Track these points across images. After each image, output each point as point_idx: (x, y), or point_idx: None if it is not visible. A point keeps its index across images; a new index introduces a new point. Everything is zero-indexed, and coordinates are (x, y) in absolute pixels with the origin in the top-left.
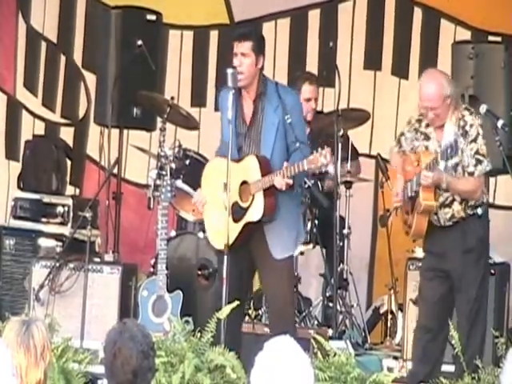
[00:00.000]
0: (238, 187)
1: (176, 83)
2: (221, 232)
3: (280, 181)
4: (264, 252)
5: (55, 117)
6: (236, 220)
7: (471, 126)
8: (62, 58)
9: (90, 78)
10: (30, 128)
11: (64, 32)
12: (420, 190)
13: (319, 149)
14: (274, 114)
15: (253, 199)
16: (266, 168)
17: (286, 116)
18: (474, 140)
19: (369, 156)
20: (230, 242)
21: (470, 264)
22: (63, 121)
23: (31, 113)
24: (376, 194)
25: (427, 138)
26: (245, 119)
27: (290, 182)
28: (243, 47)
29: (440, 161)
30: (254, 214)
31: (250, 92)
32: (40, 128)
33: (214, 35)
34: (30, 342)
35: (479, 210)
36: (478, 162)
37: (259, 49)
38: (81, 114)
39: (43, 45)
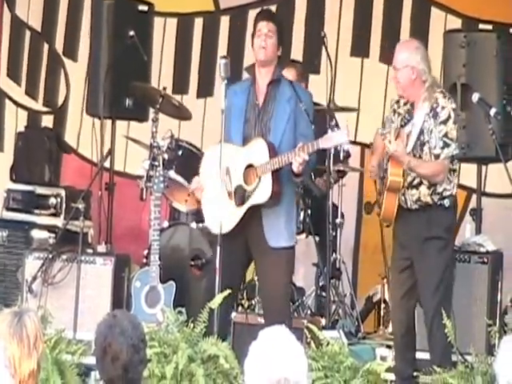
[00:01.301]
0: (242, 171)
1: (157, 70)
2: (222, 217)
3: (298, 158)
4: (260, 239)
5: (38, 105)
6: (239, 204)
7: (442, 108)
8: (45, 47)
9: (71, 65)
10: (13, 117)
11: (48, 20)
12: (389, 166)
13: (335, 128)
14: (286, 103)
15: (259, 181)
16: (273, 152)
17: (300, 104)
18: (444, 122)
19: (354, 143)
20: (231, 228)
21: (432, 252)
22: (45, 109)
23: (14, 102)
24: (361, 182)
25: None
26: (257, 105)
27: (307, 157)
28: (269, 26)
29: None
30: (261, 195)
31: (265, 76)
32: (23, 117)
33: (198, 22)
34: (23, 332)
35: (446, 202)
36: (446, 144)
37: (281, 35)
38: (60, 101)
39: (27, 34)
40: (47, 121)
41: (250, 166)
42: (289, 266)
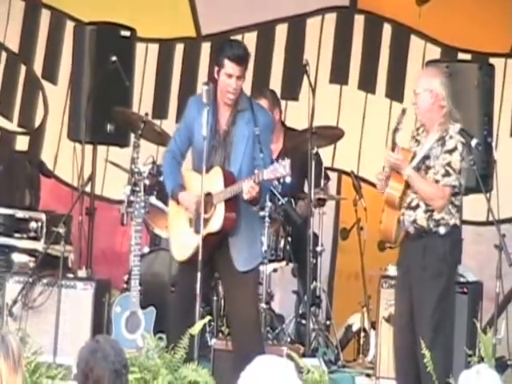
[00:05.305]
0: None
1: (138, 95)
2: (182, 244)
3: (248, 186)
4: (228, 266)
5: (12, 126)
6: (198, 231)
7: (451, 137)
8: (23, 68)
9: (50, 88)
10: None
11: (26, 42)
12: (390, 179)
13: (279, 159)
14: (245, 126)
15: (214, 210)
16: (229, 180)
17: (254, 128)
18: (449, 152)
19: (331, 169)
20: (191, 253)
21: (425, 282)
22: (20, 130)
23: None
24: (337, 208)
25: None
26: (219, 132)
27: (256, 187)
28: (240, 71)
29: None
30: (214, 224)
31: (228, 105)
32: None
33: (179, 48)
34: (9, 348)
35: (441, 229)
36: (447, 173)
37: (246, 70)
38: (37, 123)
39: (3, 55)
40: (21, 141)
41: (208, 194)
42: (255, 288)
